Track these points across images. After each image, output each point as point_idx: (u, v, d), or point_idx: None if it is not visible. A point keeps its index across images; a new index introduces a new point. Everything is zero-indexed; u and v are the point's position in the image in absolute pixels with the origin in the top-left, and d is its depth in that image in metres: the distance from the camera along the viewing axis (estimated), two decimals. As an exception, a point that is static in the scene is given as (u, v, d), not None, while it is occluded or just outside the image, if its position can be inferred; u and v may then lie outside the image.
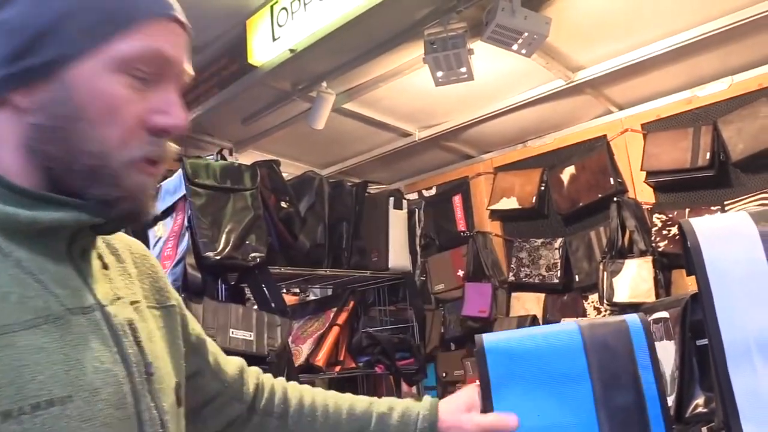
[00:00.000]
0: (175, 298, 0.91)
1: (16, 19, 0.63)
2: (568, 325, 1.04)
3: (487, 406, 1.02)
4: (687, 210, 3.44)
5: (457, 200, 4.52)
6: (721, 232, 0.81)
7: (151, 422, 0.69)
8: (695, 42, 3.05)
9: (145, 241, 2.51)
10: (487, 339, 1.04)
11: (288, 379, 2.10)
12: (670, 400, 1.43)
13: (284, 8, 2.51)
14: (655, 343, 1.37)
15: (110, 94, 0.65)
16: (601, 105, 3.82)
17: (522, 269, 4.01)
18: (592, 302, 3.72)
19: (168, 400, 0.75)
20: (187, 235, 2.12)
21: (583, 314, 3.72)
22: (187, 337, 0.91)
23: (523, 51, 2.60)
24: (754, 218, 0.81)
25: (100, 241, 0.78)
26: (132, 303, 0.77)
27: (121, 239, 0.86)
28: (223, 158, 2.36)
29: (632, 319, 1.03)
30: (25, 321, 0.60)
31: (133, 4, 0.67)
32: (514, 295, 4.05)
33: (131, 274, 0.82)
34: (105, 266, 0.75)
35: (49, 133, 0.65)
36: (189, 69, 0.75)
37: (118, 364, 0.67)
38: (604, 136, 3.87)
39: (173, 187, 2.34)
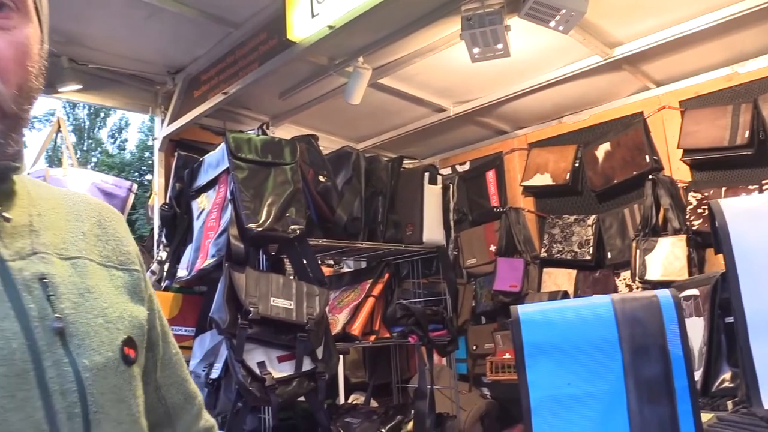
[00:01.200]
0: (142, 269, 0.90)
1: None
2: (601, 298, 1.09)
3: (521, 375, 1.07)
4: (723, 189, 3.41)
5: (490, 176, 4.54)
6: (749, 212, 0.85)
7: (59, 377, 0.67)
8: (736, 18, 2.99)
9: (189, 212, 2.61)
10: (522, 310, 1.09)
11: (325, 347, 2.19)
12: (698, 375, 1.47)
13: (324, -16, 2.55)
14: (685, 319, 1.41)
15: None
16: (639, 81, 3.78)
17: (554, 245, 4.03)
18: (624, 279, 3.73)
19: (95, 358, 0.72)
20: (230, 207, 2.20)
21: (615, 291, 3.74)
22: (152, 318, 0.90)
23: (561, 27, 2.60)
24: (784, 199, 0.85)
25: (43, 203, 0.80)
26: (67, 258, 0.77)
27: (91, 204, 0.89)
28: (264, 133, 2.42)
29: (664, 294, 1.07)
30: None
31: None
32: (545, 270, 4.08)
33: (87, 233, 0.83)
34: (28, 224, 0.75)
35: None
36: None
37: (10, 319, 0.66)
38: (641, 112, 3.84)
39: (216, 160, 2.42)
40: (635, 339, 1.04)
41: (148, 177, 21.28)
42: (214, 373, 2.18)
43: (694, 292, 1.59)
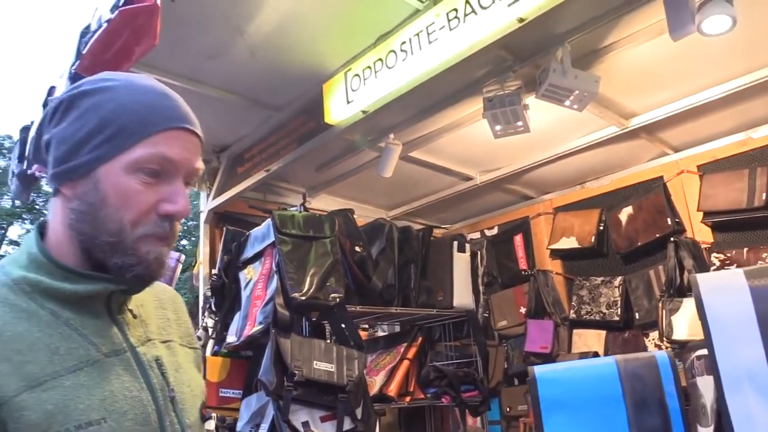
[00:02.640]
0: (198, 346, 1.14)
1: (63, 133, 0.86)
2: (607, 358, 1.26)
3: (539, 427, 1.24)
4: (745, 249, 3.52)
5: (518, 239, 4.70)
6: (719, 286, 1.03)
7: None
8: (746, 88, 3.19)
9: (236, 282, 2.83)
10: (539, 369, 1.27)
11: (364, 408, 2.35)
12: (710, 431, 1.59)
13: (357, 75, 2.82)
14: (697, 377, 1.56)
15: (126, 188, 0.85)
16: (657, 148, 3.96)
17: (583, 306, 4.14)
18: (653, 339, 3.81)
19: (191, 418, 0.95)
20: (275, 278, 2.42)
21: (644, 351, 3.81)
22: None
23: (575, 106, 2.82)
24: (747, 275, 1.02)
25: (142, 295, 0.98)
26: (164, 341, 0.99)
27: (168, 293, 1.10)
28: (306, 209, 2.65)
29: (661, 354, 1.24)
30: (71, 366, 0.82)
31: (147, 121, 0.86)
32: (575, 331, 4.17)
33: (170, 318, 1.05)
34: (140, 315, 0.96)
35: (82, 215, 0.86)
36: (199, 164, 0.93)
37: (144, 391, 0.88)
38: (661, 177, 4.00)
39: (261, 235, 2.66)
40: (636, 394, 1.20)
41: (183, 242, 21.85)
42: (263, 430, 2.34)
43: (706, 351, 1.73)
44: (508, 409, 4.34)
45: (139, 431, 0.85)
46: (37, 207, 27.61)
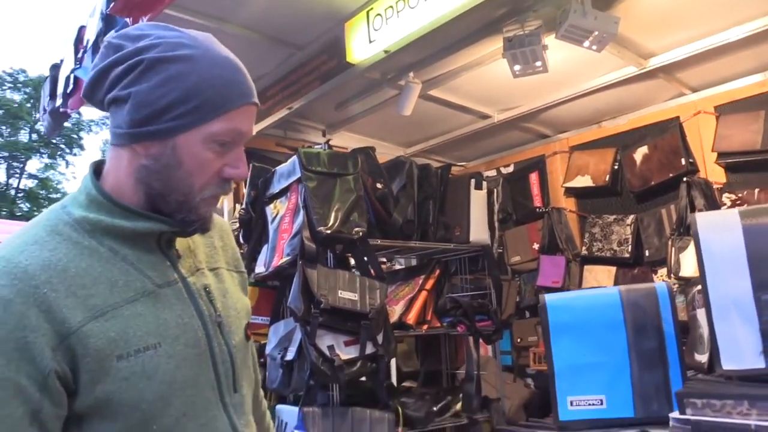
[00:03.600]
0: (244, 269, 1.24)
1: (143, 96, 0.91)
2: (611, 288, 1.39)
3: (547, 348, 1.38)
4: (757, 190, 3.59)
5: (533, 177, 4.79)
6: (715, 224, 1.14)
7: (221, 354, 1.00)
8: (765, 30, 3.18)
9: (262, 217, 2.98)
10: (549, 297, 1.40)
11: (385, 334, 2.52)
12: (705, 357, 1.74)
13: (379, 14, 2.86)
14: (697, 310, 1.69)
15: (201, 157, 0.94)
16: (674, 88, 3.98)
17: (595, 243, 4.27)
18: (661, 276, 3.94)
19: (236, 338, 1.05)
20: (301, 213, 2.55)
21: (652, 286, 3.94)
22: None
23: (594, 47, 2.86)
24: (741, 214, 1.13)
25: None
26: (212, 269, 1.09)
27: (215, 221, 1.15)
28: (330, 147, 2.76)
29: (660, 285, 1.37)
30: (129, 297, 0.92)
31: (225, 98, 0.93)
32: (586, 267, 4.31)
33: (216, 246, 1.14)
34: (189, 247, 1.05)
35: (155, 173, 0.94)
36: (253, 129, 1.03)
37: (194, 318, 0.98)
38: (677, 117, 4.04)
39: (287, 171, 2.77)
40: (637, 320, 1.34)
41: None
42: (289, 356, 2.53)
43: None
44: (518, 340, 4.54)
45: (190, 353, 0.95)
46: (53, 142, 27.88)
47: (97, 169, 1.01)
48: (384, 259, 4.27)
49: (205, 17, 2.97)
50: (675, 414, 1.07)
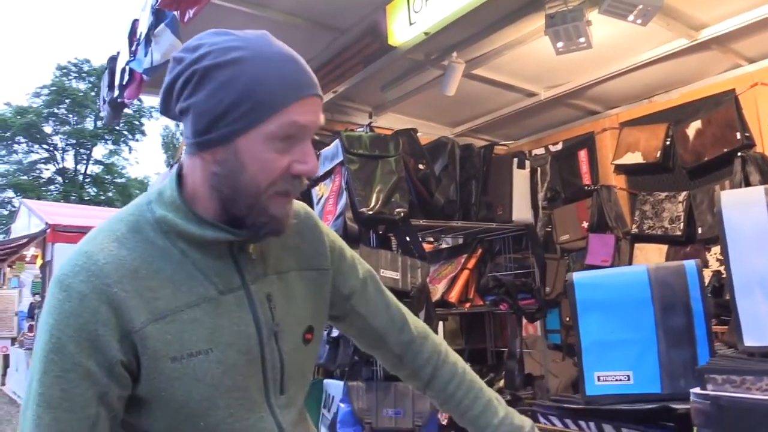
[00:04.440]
0: (332, 266, 1.18)
1: (201, 106, 0.92)
2: (639, 266, 1.40)
3: (575, 325, 1.41)
4: (827, 171, 3.45)
5: (582, 155, 4.72)
6: (738, 202, 1.14)
7: (272, 360, 1.02)
8: (828, -6, 3.04)
9: (309, 199, 3.06)
10: (576, 275, 1.42)
11: (426, 312, 2.58)
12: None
13: (419, -4, 2.89)
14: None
15: (263, 157, 0.93)
16: (729, 60, 3.84)
17: (645, 221, 4.19)
18: (714, 254, 3.84)
19: (290, 344, 1.05)
20: (344, 195, 2.62)
21: (706, 265, 3.86)
22: (338, 291, 1.20)
23: (639, 21, 2.80)
24: (766, 191, 1.13)
25: None
26: (278, 273, 1.08)
27: (300, 214, 1.15)
28: (372, 130, 2.81)
29: (689, 263, 1.37)
30: (190, 302, 0.95)
31: (280, 94, 0.92)
32: (637, 246, 4.24)
33: (289, 245, 1.11)
34: (259, 253, 1.05)
35: (224, 179, 0.95)
36: (320, 121, 0.99)
37: (251, 325, 1.00)
38: (733, 90, 3.89)
39: (331, 154, 2.85)
40: (665, 298, 1.35)
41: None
42: (335, 332, 2.62)
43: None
44: (567, 319, 4.52)
45: (241, 359, 0.98)
46: (117, 129, 28.89)
47: (180, 174, 1.03)
48: (431, 239, 4.32)
49: (249, 5, 3.05)
50: (696, 389, 1.08)
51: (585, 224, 4.51)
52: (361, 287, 1.23)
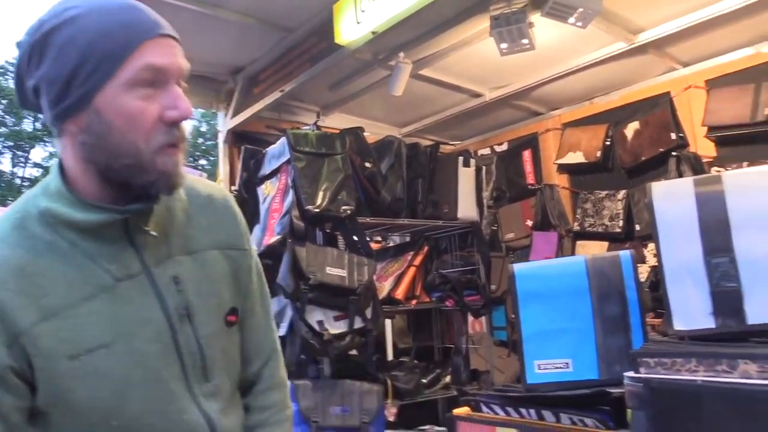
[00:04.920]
0: (250, 247, 1.13)
1: (48, 75, 0.86)
2: (578, 257, 1.44)
3: (516, 315, 1.44)
4: (745, 163, 3.61)
5: (526, 155, 4.83)
6: (669, 192, 1.19)
7: (188, 346, 0.95)
8: (758, 1, 3.15)
9: (255, 197, 3.03)
10: (517, 266, 1.46)
11: (373, 309, 2.58)
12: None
13: (366, -5, 2.90)
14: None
15: (128, 109, 0.87)
16: (665, 63, 3.99)
17: (587, 219, 4.31)
18: (651, 250, 3.98)
19: (209, 327, 0.99)
20: (291, 192, 2.61)
21: (643, 261, 4.00)
22: (248, 284, 1.11)
23: (579, 24, 2.88)
24: (695, 182, 1.18)
25: (174, 204, 1.00)
26: (190, 253, 1.01)
27: (208, 189, 1.09)
28: (318, 128, 2.81)
29: (624, 253, 1.42)
30: (86, 295, 0.88)
31: (125, 40, 0.86)
32: (579, 243, 4.36)
33: (203, 225, 1.05)
34: (162, 232, 0.97)
35: (94, 147, 0.88)
36: (185, 64, 0.93)
37: (157, 311, 0.93)
38: (668, 92, 4.05)
39: (278, 152, 2.83)
40: (601, 287, 1.39)
41: (202, 162, 22.05)
42: (281, 332, 2.59)
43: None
44: (513, 316, 4.60)
45: (150, 348, 0.92)
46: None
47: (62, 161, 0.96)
48: (379, 237, 4.34)
49: (199, 3, 3.02)
50: (630, 373, 1.12)
51: (529, 223, 4.61)
52: (257, 295, 1.15)
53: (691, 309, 1.13)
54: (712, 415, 1.01)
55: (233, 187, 3.48)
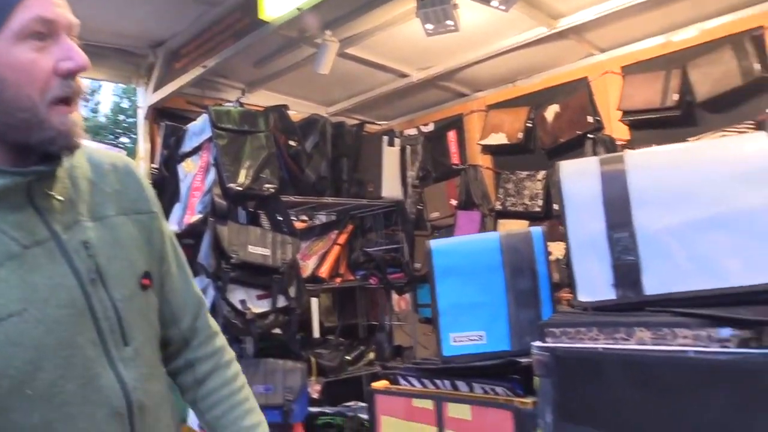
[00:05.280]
0: (158, 209, 1.14)
1: None
2: (492, 234, 1.49)
3: (432, 289, 1.48)
4: (654, 146, 3.80)
5: (451, 135, 4.90)
6: (577, 170, 1.24)
7: (103, 310, 0.95)
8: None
9: (175, 175, 2.96)
10: (434, 243, 1.49)
11: (297, 288, 2.59)
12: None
13: (291, -31, 2.84)
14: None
15: (20, 62, 0.85)
16: (584, 49, 4.13)
17: (508, 198, 4.43)
18: (568, 228, 4.14)
19: (124, 290, 0.99)
20: (213, 170, 2.56)
21: (561, 239, 4.14)
22: (161, 247, 1.12)
23: (502, 7, 2.94)
24: (600, 162, 1.24)
25: (77, 172, 1.00)
26: (98, 219, 1.00)
27: (109, 157, 1.09)
28: (241, 105, 2.76)
29: (536, 230, 1.48)
30: None
31: None
32: (500, 221, 4.48)
33: (107, 191, 1.05)
34: (68, 198, 0.97)
35: None
36: (72, 19, 0.92)
37: (69, 276, 0.92)
38: (586, 77, 4.20)
39: (199, 129, 2.76)
40: (514, 262, 1.45)
41: (123, 140, 21.17)
42: (203, 312, 2.56)
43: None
44: (437, 293, 4.70)
45: (63, 314, 0.90)
46: None
47: None
48: (305, 216, 4.32)
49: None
50: (537, 343, 1.18)
51: (453, 202, 4.69)
52: (171, 256, 1.16)
53: (595, 281, 1.20)
54: (611, 379, 1.07)
55: (153, 165, 3.38)
